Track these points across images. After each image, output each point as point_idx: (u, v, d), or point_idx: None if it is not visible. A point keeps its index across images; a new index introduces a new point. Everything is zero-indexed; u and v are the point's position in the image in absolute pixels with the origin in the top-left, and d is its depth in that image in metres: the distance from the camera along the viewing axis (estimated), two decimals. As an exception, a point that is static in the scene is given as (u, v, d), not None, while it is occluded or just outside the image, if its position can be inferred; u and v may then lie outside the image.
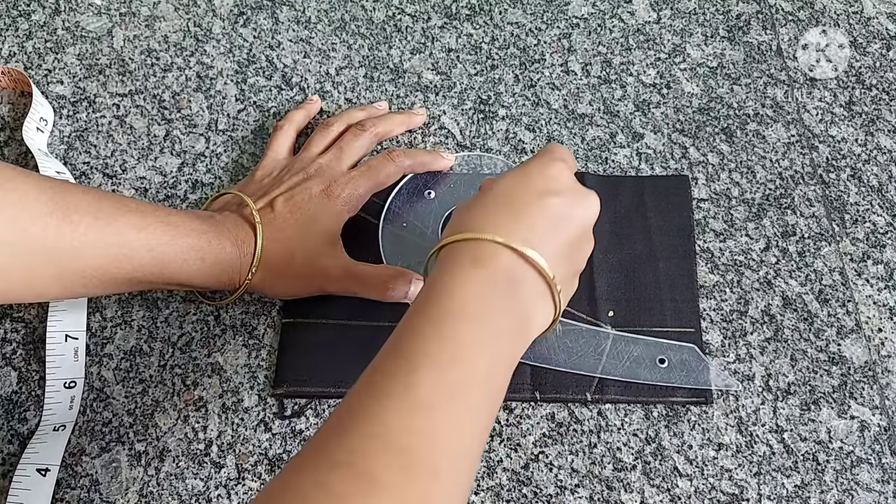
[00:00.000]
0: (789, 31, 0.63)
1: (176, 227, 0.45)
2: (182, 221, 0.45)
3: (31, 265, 0.42)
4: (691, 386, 0.48)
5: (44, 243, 0.41)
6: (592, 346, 0.49)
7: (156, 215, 0.45)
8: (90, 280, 0.43)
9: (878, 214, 0.55)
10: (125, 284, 0.45)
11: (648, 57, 0.61)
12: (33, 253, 0.41)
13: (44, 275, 0.42)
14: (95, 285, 0.44)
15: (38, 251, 0.41)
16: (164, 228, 0.45)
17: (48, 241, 0.41)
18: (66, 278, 0.43)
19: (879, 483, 0.46)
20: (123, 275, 0.44)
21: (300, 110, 0.57)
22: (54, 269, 0.42)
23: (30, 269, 0.42)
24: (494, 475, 0.46)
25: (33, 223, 0.41)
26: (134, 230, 0.44)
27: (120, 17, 0.62)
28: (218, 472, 0.46)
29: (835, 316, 0.51)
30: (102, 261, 0.43)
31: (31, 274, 0.42)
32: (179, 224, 0.45)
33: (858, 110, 0.59)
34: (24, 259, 0.41)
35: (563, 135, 0.58)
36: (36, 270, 0.42)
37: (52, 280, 0.43)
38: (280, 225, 0.48)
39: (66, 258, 0.42)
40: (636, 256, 0.52)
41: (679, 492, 0.46)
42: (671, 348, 0.49)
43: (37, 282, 0.43)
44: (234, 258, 0.47)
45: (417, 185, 0.54)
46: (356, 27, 0.63)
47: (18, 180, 0.42)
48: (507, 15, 0.63)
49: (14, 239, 0.41)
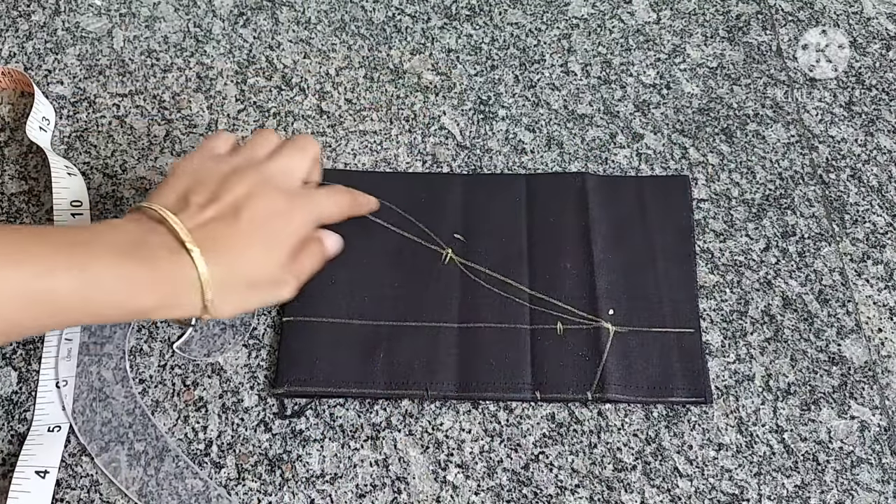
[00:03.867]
0: (789, 31, 0.63)
1: (83, 271, 0.37)
2: (90, 262, 0.38)
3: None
4: (691, 386, 0.48)
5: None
6: (593, 344, 0.49)
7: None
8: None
9: (878, 214, 0.55)
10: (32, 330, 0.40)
11: (648, 57, 0.61)
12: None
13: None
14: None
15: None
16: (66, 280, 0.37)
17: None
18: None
19: (879, 483, 0.46)
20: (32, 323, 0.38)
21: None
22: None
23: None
24: (495, 475, 0.46)
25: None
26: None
27: (120, 17, 0.62)
28: (218, 472, 0.46)
29: (835, 316, 0.51)
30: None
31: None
32: (87, 268, 0.38)
33: (858, 110, 0.59)
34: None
35: (563, 135, 0.58)
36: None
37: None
38: (235, 242, 0.41)
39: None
40: (636, 257, 0.52)
41: (679, 492, 0.46)
42: (671, 348, 0.49)
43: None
44: (162, 296, 0.40)
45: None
46: (356, 27, 0.63)
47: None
48: (507, 15, 0.63)
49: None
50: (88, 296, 0.37)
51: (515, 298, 0.51)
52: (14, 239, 0.37)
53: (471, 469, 0.46)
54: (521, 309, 0.50)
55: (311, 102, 0.59)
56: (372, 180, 0.55)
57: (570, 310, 0.50)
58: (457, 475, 0.46)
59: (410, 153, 0.57)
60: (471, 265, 0.52)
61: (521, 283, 0.51)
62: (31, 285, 0.36)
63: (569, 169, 0.56)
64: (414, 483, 0.46)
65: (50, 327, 0.42)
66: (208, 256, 0.40)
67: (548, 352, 0.49)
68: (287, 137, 0.47)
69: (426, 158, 0.56)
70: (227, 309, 0.41)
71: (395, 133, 0.58)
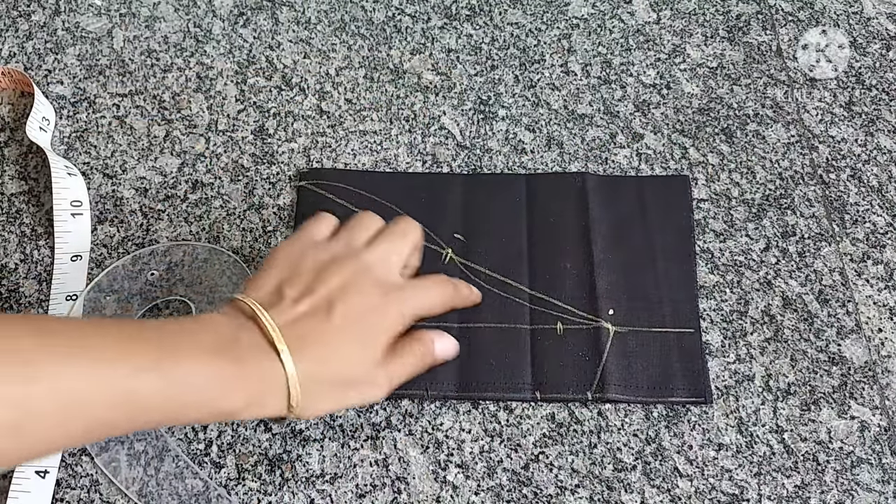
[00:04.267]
0: (789, 31, 0.63)
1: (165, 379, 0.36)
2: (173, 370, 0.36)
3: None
4: (691, 386, 0.48)
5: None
6: (593, 344, 0.49)
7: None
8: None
9: (878, 214, 0.55)
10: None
11: (648, 57, 0.61)
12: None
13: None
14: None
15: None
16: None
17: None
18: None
19: (879, 483, 0.46)
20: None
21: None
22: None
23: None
24: (494, 475, 0.46)
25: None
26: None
27: (120, 17, 0.62)
28: (218, 472, 0.46)
29: (835, 316, 0.51)
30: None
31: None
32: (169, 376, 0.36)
33: (858, 110, 0.59)
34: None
35: (563, 135, 0.58)
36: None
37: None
38: (327, 339, 0.40)
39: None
40: (636, 256, 0.52)
41: (679, 492, 0.46)
42: (671, 348, 0.49)
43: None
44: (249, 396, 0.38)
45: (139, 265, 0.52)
46: (356, 27, 0.63)
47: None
48: (507, 15, 0.63)
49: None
50: (174, 396, 0.36)
51: (515, 298, 0.51)
52: (106, 335, 0.36)
53: (471, 469, 0.46)
54: (521, 309, 0.50)
55: (311, 102, 0.59)
56: (372, 180, 0.55)
57: (570, 310, 0.50)
58: (457, 475, 0.46)
59: (410, 153, 0.57)
60: (471, 265, 0.52)
61: (521, 283, 0.51)
62: (122, 385, 0.35)
63: (569, 169, 0.56)
64: (414, 483, 0.46)
65: (132, 429, 0.41)
66: (298, 356, 0.38)
67: (548, 352, 0.49)
68: (388, 222, 0.46)
69: (426, 158, 0.56)
70: (314, 409, 0.40)
71: (395, 133, 0.58)
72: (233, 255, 0.52)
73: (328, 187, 0.54)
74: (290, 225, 0.54)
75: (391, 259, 0.43)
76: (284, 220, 0.54)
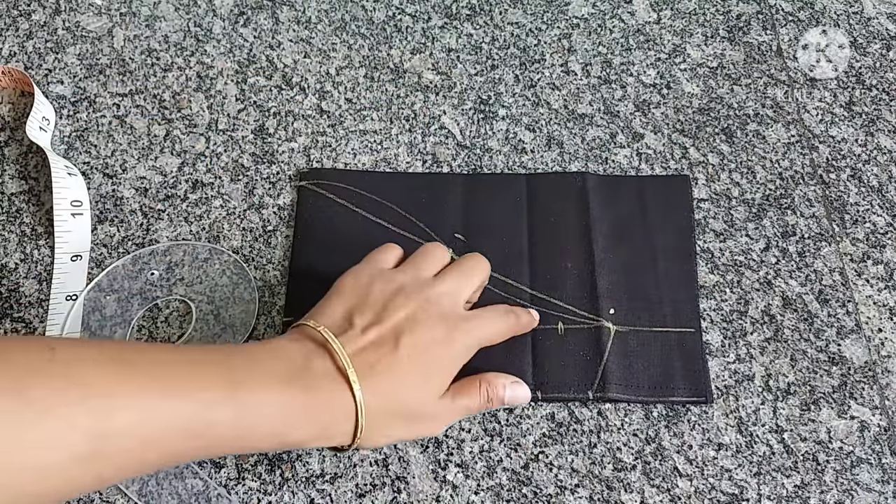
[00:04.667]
0: (789, 31, 0.63)
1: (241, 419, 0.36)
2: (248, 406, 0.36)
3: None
4: (692, 385, 0.48)
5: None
6: (594, 344, 0.49)
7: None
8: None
9: (878, 214, 0.55)
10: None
11: (648, 57, 0.61)
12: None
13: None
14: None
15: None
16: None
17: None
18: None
19: (879, 483, 0.46)
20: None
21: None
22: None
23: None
24: (494, 475, 0.46)
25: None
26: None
27: (120, 17, 0.62)
28: (218, 471, 0.46)
29: (835, 316, 0.51)
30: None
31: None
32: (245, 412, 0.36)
33: (858, 110, 0.59)
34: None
35: (564, 135, 0.58)
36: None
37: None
38: (394, 370, 0.40)
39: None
40: (637, 256, 0.52)
41: (679, 492, 0.46)
42: (672, 347, 0.49)
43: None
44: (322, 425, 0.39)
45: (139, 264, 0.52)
46: (356, 27, 0.63)
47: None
48: (508, 15, 0.63)
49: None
50: (247, 426, 0.36)
51: (516, 298, 0.51)
52: (179, 364, 0.36)
53: (470, 468, 0.46)
54: (522, 309, 0.50)
55: (311, 102, 0.59)
56: (372, 180, 0.55)
57: (570, 309, 0.50)
58: (456, 474, 0.46)
59: (410, 153, 0.57)
60: (471, 265, 0.52)
61: (521, 282, 0.51)
62: (197, 417, 0.35)
63: (569, 169, 0.56)
64: (413, 482, 0.46)
65: (204, 457, 0.41)
66: (365, 384, 0.38)
67: (549, 351, 0.49)
68: (455, 258, 0.46)
69: (426, 158, 0.56)
70: (374, 441, 0.40)
71: (395, 133, 0.58)
72: (233, 254, 0.52)
73: (329, 187, 0.54)
74: (290, 225, 0.54)
75: (459, 295, 0.44)
76: (284, 220, 0.54)
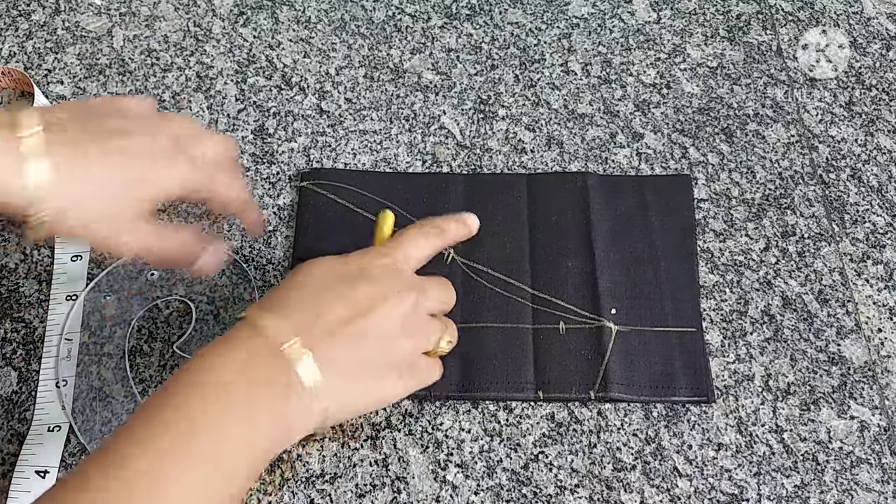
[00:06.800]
0: (789, 31, 0.63)
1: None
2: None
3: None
4: (694, 385, 0.48)
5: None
6: (595, 343, 0.49)
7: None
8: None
9: (878, 214, 0.55)
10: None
11: (648, 57, 0.61)
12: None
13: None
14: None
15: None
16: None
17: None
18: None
19: (879, 483, 0.46)
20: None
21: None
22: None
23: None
24: (494, 475, 0.46)
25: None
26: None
27: (120, 17, 0.62)
28: (218, 471, 0.46)
29: (835, 316, 0.51)
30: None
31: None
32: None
33: (858, 110, 0.59)
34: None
35: (563, 135, 0.58)
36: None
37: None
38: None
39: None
40: (638, 255, 0.52)
41: (679, 492, 0.46)
42: (673, 347, 0.49)
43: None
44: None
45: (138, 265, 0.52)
46: (356, 27, 0.63)
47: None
48: (508, 15, 0.63)
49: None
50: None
51: (518, 298, 0.51)
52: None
53: (470, 469, 0.46)
54: (524, 308, 0.50)
55: (311, 102, 0.59)
56: (373, 180, 0.55)
57: (572, 309, 0.50)
58: (456, 475, 0.46)
59: (410, 153, 0.57)
60: (473, 265, 0.52)
61: (523, 282, 0.51)
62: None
63: (569, 168, 0.56)
64: (413, 483, 0.46)
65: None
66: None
67: (550, 351, 0.49)
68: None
69: (426, 158, 0.56)
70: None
71: (395, 132, 0.58)
72: (233, 254, 0.52)
73: (329, 187, 0.54)
74: (290, 225, 0.54)
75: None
76: (284, 220, 0.54)
